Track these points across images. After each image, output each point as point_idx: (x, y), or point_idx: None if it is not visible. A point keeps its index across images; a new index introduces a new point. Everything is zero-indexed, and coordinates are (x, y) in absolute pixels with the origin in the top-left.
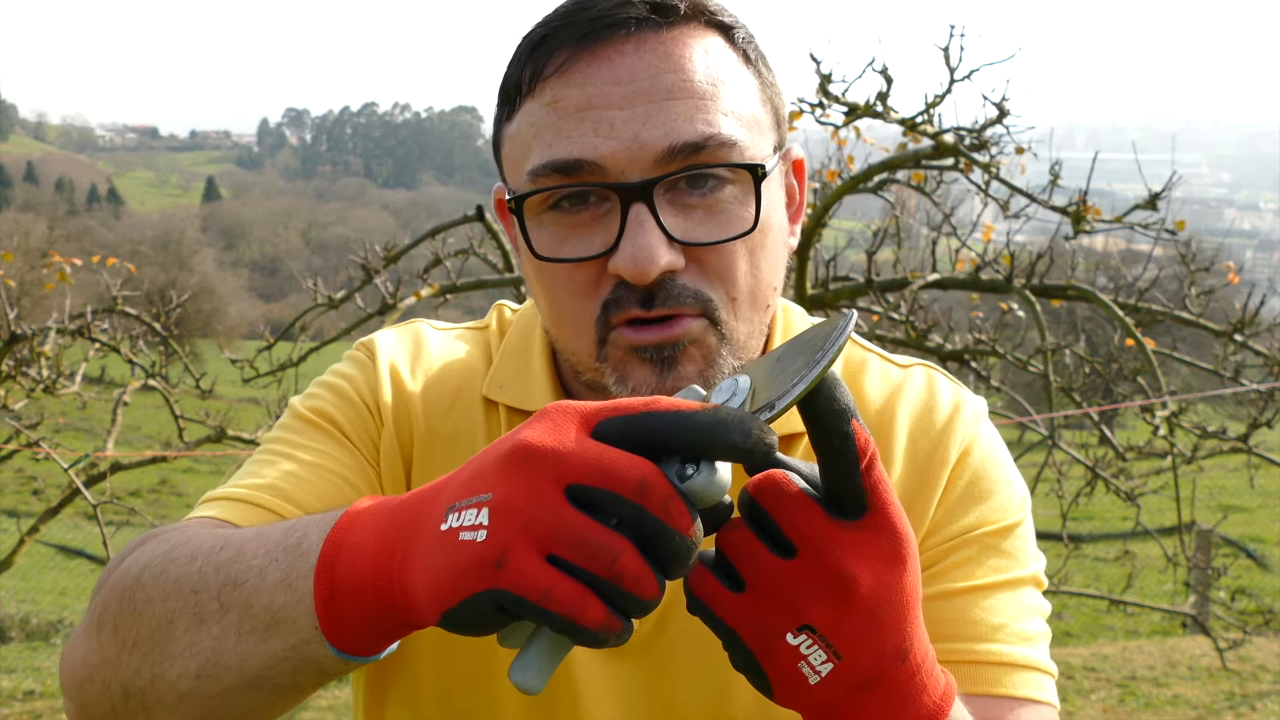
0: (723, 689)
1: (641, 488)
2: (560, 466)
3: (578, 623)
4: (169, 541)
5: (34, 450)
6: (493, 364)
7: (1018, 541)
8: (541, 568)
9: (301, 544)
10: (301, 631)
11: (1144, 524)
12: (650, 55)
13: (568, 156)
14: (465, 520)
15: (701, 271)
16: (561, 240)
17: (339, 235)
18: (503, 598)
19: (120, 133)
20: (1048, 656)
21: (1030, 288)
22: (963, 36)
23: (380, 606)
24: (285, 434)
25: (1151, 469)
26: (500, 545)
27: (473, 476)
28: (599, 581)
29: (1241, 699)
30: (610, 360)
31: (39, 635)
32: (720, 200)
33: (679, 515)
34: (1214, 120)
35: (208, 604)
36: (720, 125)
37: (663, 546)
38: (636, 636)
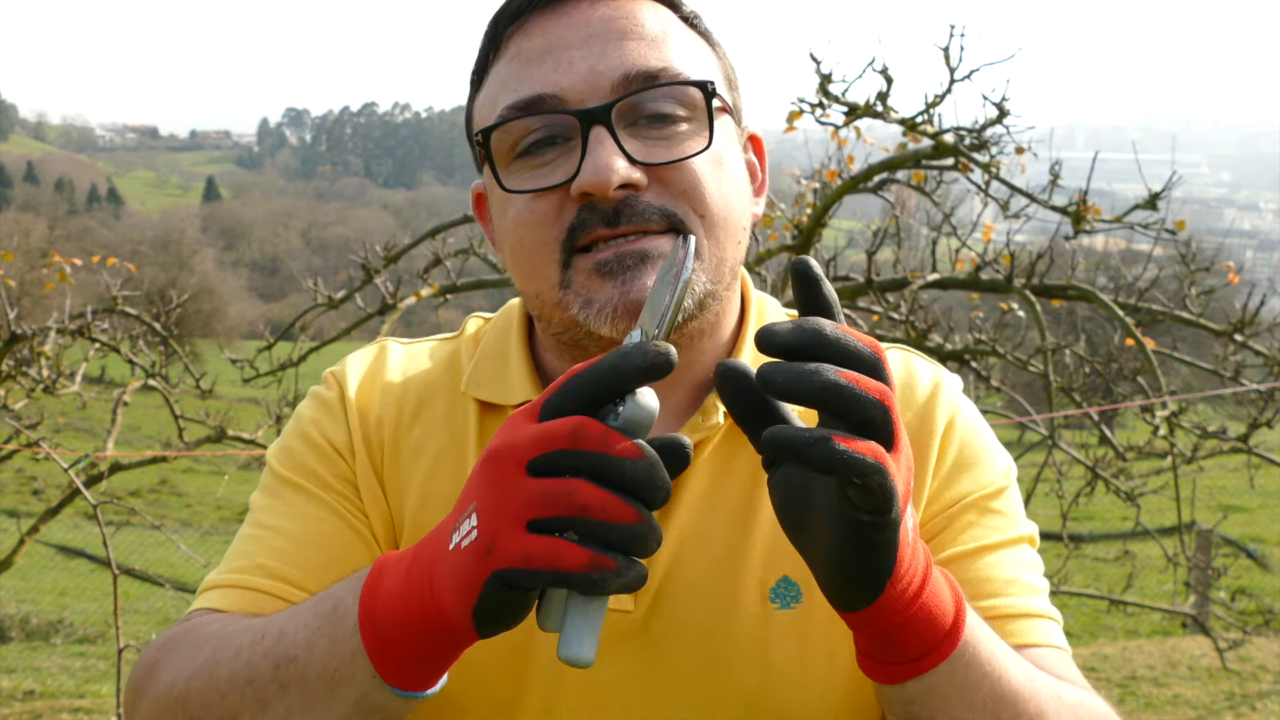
0: (721, 667)
1: (575, 435)
2: (514, 453)
3: (560, 570)
4: (200, 647)
5: (34, 450)
6: (467, 367)
7: (1010, 503)
8: (521, 536)
9: (337, 609)
10: (362, 684)
11: (1144, 524)
12: (604, 8)
13: (529, 94)
14: (464, 531)
15: (665, 189)
16: (526, 179)
17: (339, 235)
18: (501, 576)
19: (120, 133)
20: (1051, 606)
21: (1030, 288)
22: (963, 36)
23: (424, 635)
24: (268, 501)
25: (1151, 469)
26: (487, 534)
27: (463, 498)
28: (575, 523)
29: (1241, 699)
30: (574, 287)
31: (39, 635)
32: (676, 131)
33: (618, 443)
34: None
35: (266, 688)
36: (673, 61)
37: (617, 474)
38: (633, 620)
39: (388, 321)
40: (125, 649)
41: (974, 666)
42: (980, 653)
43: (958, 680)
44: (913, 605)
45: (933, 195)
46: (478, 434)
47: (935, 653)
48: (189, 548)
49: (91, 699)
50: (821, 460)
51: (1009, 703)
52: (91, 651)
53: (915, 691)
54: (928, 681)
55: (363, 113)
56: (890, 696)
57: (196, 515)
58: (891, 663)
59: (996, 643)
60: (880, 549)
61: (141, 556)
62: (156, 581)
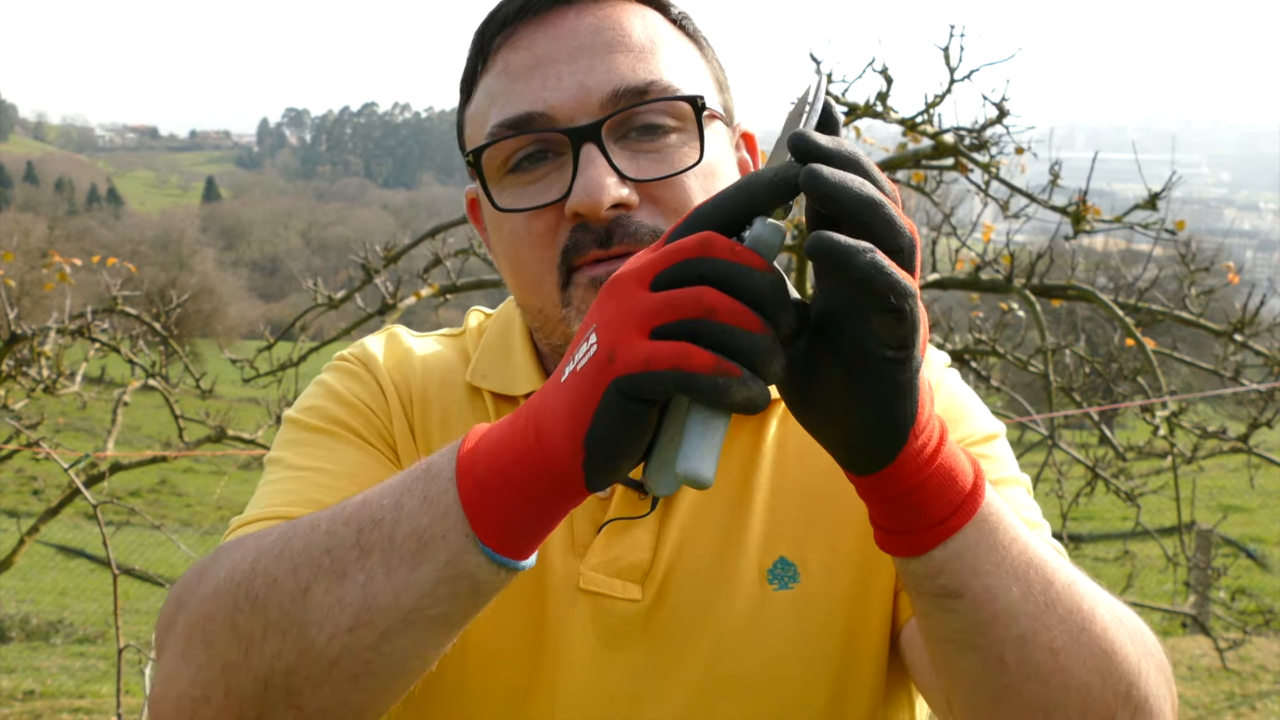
0: (722, 649)
1: (704, 245)
2: (639, 272)
3: (686, 371)
4: (266, 534)
5: (34, 450)
6: (472, 359)
7: (1000, 449)
8: (643, 343)
9: (430, 468)
10: (453, 544)
11: (1144, 524)
12: (590, 18)
13: (518, 112)
14: (579, 355)
15: (657, 208)
16: (519, 196)
17: (339, 235)
18: (620, 384)
19: (120, 133)
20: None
21: (1030, 288)
22: (963, 36)
23: (529, 482)
24: (299, 449)
25: (1151, 469)
26: (608, 345)
27: (579, 333)
28: (699, 325)
29: (1241, 699)
30: (574, 303)
31: (39, 635)
32: (667, 144)
33: (748, 255)
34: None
35: (345, 555)
36: (662, 73)
37: (744, 282)
38: (640, 608)
39: (388, 321)
40: (125, 649)
41: (1000, 528)
42: (1004, 518)
43: (986, 541)
44: (932, 462)
45: (933, 195)
46: (496, 420)
47: (960, 513)
48: (189, 548)
49: (91, 699)
50: (866, 269)
51: (1038, 566)
52: (91, 651)
53: (942, 559)
54: (955, 546)
55: (363, 113)
56: (916, 572)
57: (196, 515)
58: (915, 530)
59: (1016, 519)
60: (903, 390)
61: (141, 556)
62: (156, 581)
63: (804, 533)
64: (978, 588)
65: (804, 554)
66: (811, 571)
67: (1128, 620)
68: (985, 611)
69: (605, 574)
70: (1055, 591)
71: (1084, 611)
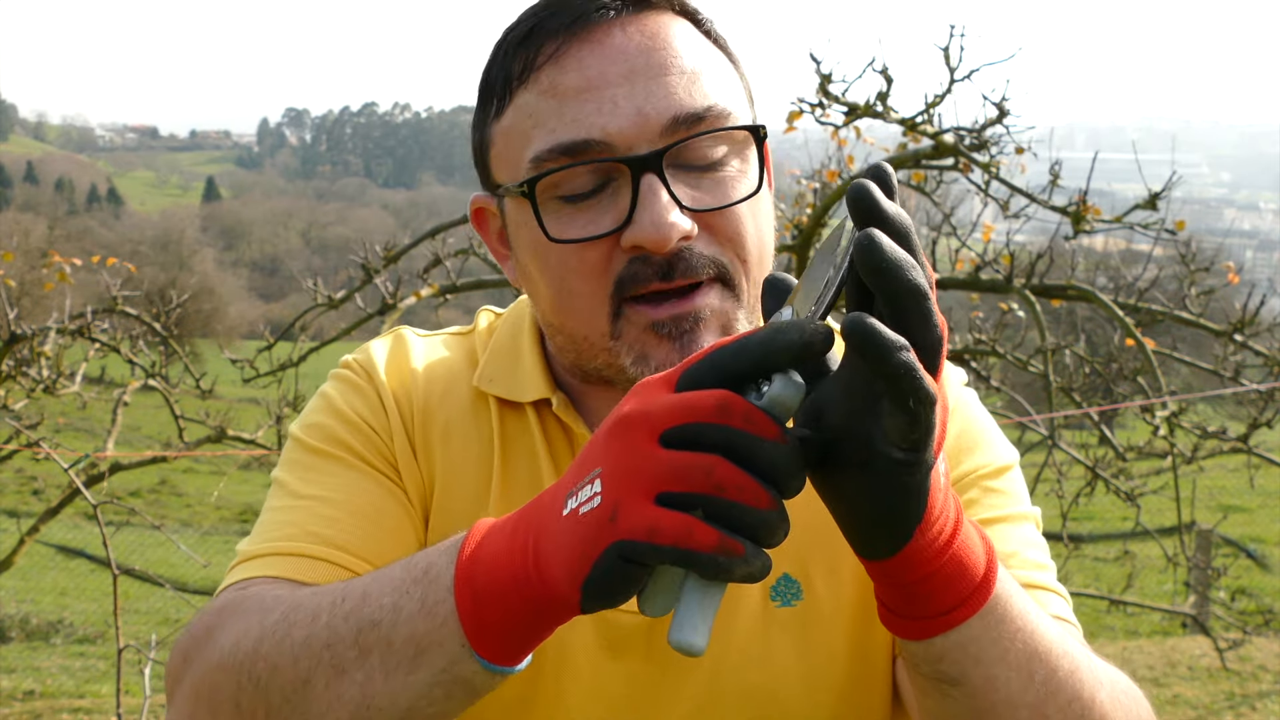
0: (724, 665)
1: (721, 408)
2: (650, 420)
3: (688, 549)
4: (269, 610)
5: (34, 450)
6: (480, 360)
7: (1013, 483)
8: (648, 509)
9: (429, 571)
10: (449, 652)
11: (1144, 524)
12: (638, 36)
13: (575, 138)
14: (582, 497)
15: (713, 238)
16: (568, 224)
17: (339, 235)
18: (622, 548)
19: (120, 133)
20: (1059, 583)
21: (1030, 288)
22: (963, 36)
23: (524, 604)
24: (303, 474)
25: (1151, 469)
26: (612, 501)
27: (582, 463)
28: (707, 501)
29: (1241, 699)
30: (625, 339)
31: (39, 635)
32: (723, 169)
33: (763, 424)
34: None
35: (345, 653)
36: (716, 96)
37: (757, 455)
38: (640, 621)
39: (388, 321)
40: (125, 649)
41: (1007, 620)
42: (1013, 606)
43: (991, 634)
44: (944, 554)
45: (933, 195)
46: (500, 428)
47: (967, 605)
48: (189, 548)
49: (91, 699)
50: (897, 369)
51: (1042, 658)
52: (91, 651)
53: (945, 647)
54: (959, 635)
55: (363, 113)
56: (918, 654)
57: (196, 515)
58: (920, 617)
59: (1026, 598)
60: (909, 491)
61: (141, 556)
62: (156, 581)
63: (808, 551)
64: (979, 678)
65: (807, 571)
66: (815, 589)
67: (1125, 696)
68: (984, 701)
69: None
70: (1058, 681)
71: (1084, 699)
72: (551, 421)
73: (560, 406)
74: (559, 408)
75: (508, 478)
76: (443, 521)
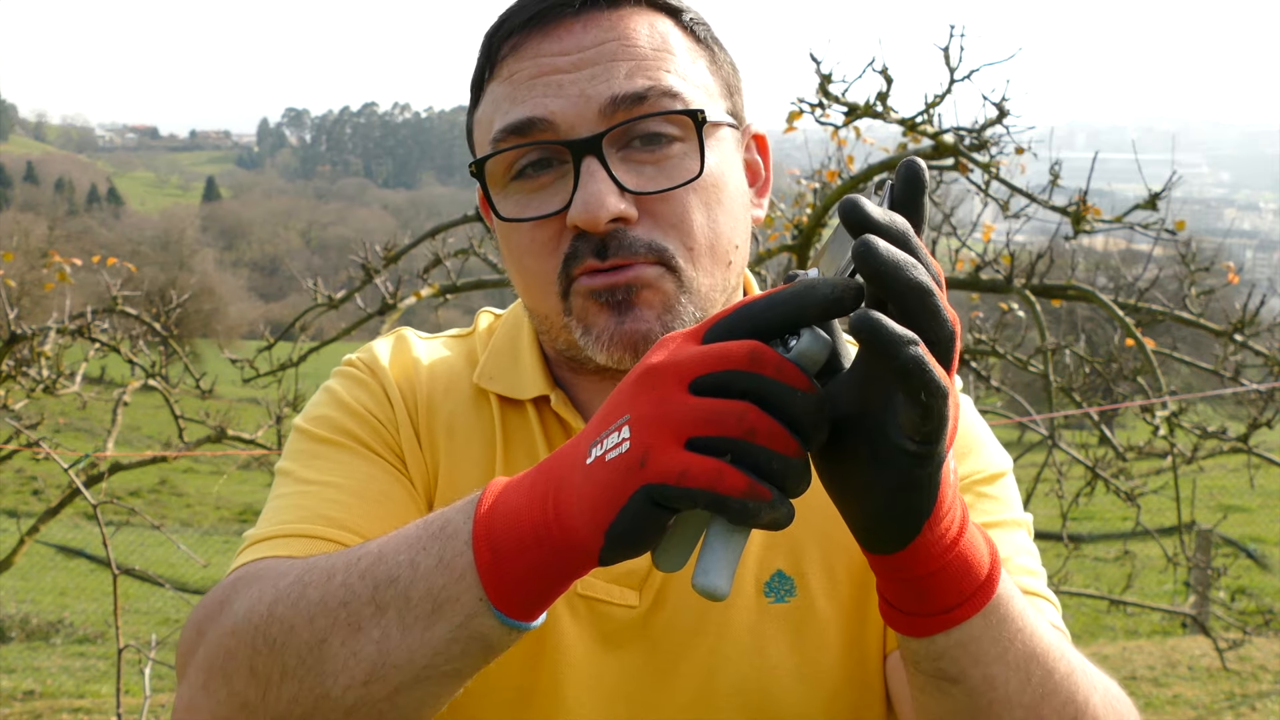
0: (718, 660)
1: (753, 357)
2: (680, 369)
3: (718, 492)
4: (284, 575)
5: (34, 450)
6: (480, 359)
7: (1005, 489)
8: (678, 453)
9: (446, 527)
10: (467, 607)
11: (1144, 524)
12: (596, 29)
13: (520, 117)
14: (609, 444)
15: (655, 223)
16: (524, 204)
17: (339, 235)
18: (651, 491)
19: (120, 133)
20: (1049, 590)
21: (1030, 288)
22: (963, 36)
23: (544, 554)
24: (309, 461)
25: (1151, 469)
26: (641, 446)
27: (607, 413)
28: (737, 445)
29: (1241, 699)
30: (574, 312)
31: (39, 635)
32: (669, 155)
33: (793, 374)
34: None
35: (361, 610)
36: (662, 79)
37: (787, 404)
38: (637, 615)
39: (388, 321)
40: (125, 649)
41: (1008, 621)
42: (1013, 607)
43: (992, 633)
44: (950, 551)
45: (933, 195)
46: (501, 425)
47: (970, 603)
48: (189, 548)
49: (91, 699)
50: (907, 363)
51: (1041, 660)
52: (91, 651)
53: (945, 645)
54: (960, 634)
55: (363, 113)
56: (918, 651)
57: (196, 515)
58: (922, 613)
59: (1025, 602)
60: (920, 484)
61: (141, 556)
62: (156, 581)
63: (802, 548)
64: (977, 676)
65: (801, 569)
66: (808, 586)
67: (1118, 702)
68: (982, 699)
69: (603, 579)
70: (1054, 683)
71: (1078, 702)
72: (551, 418)
73: (559, 403)
74: (557, 404)
75: (510, 473)
76: None
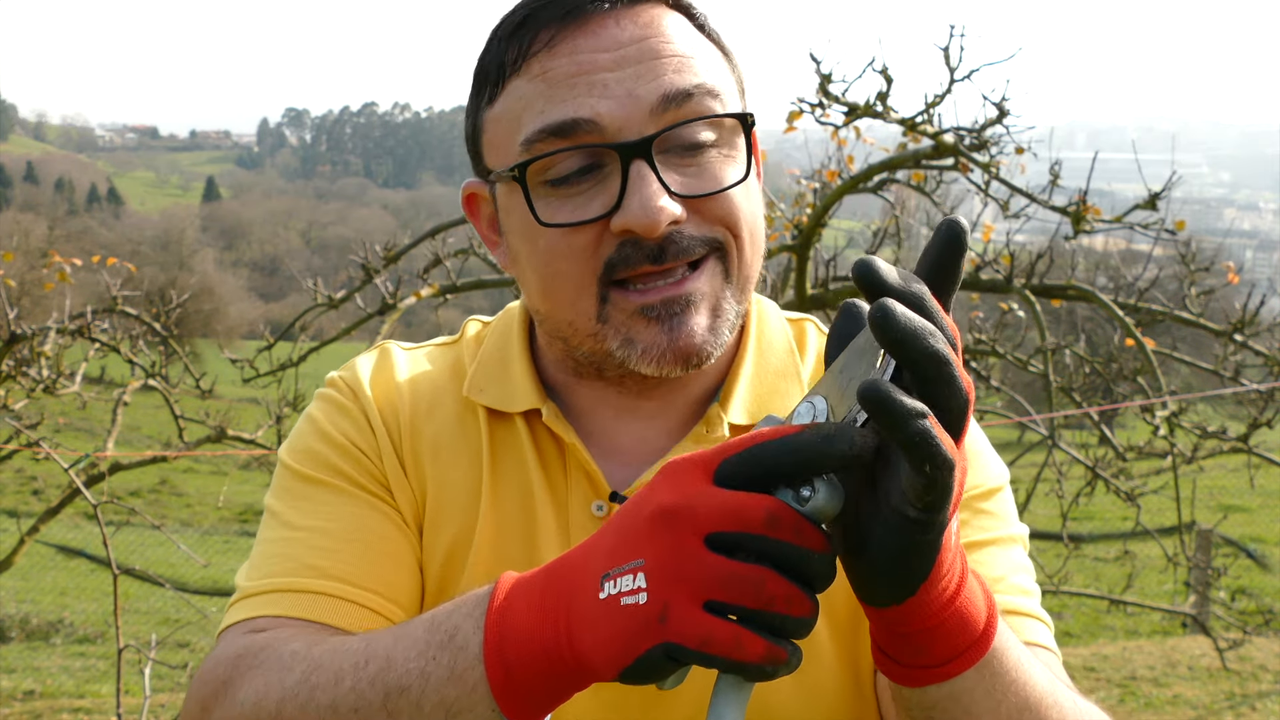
0: (709, 678)
1: (771, 521)
2: (696, 520)
3: (737, 659)
4: (289, 668)
5: (34, 450)
6: (469, 370)
7: (1002, 504)
8: (700, 616)
9: (455, 637)
10: (479, 717)
11: (1144, 524)
12: (631, 26)
13: (564, 118)
14: (623, 586)
15: (703, 219)
16: (558, 208)
17: (339, 235)
18: (670, 649)
19: (120, 133)
20: (1042, 609)
21: (1030, 288)
22: (963, 36)
23: (556, 678)
24: (295, 503)
25: (1151, 469)
26: (661, 602)
27: (618, 544)
28: (755, 614)
29: (1241, 699)
30: (613, 323)
31: (39, 635)
32: (709, 157)
33: (811, 536)
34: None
35: (373, 718)
36: (705, 78)
37: (805, 569)
38: None
39: (388, 321)
40: (125, 649)
41: (1002, 673)
42: (1008, 659)
43: (985, 686)
44: (947, 609)
45: (933, 195)
46: (489, 440)
47: (964, 658)
48: (189, 548)
49: (91, 699)
50: (913, 437)
51: (1033, 710)
52: (91, 651)
53: (938, 696)
54: (953, 687)
55: (363, 113)
56: (910, 699)
57: (196, 515)
58: (916, 666)
59: (1021, 647)
60: (921, 549)
61: (141, 556)
62: (156, 581)
63: None
64: None
65: None
66: None
67: None
68: None
69: None
70: None
71: None
72: (542, 431)
73: (551, 417)
74: (549, 418)
75: (497, 490)
76: (435, 537)
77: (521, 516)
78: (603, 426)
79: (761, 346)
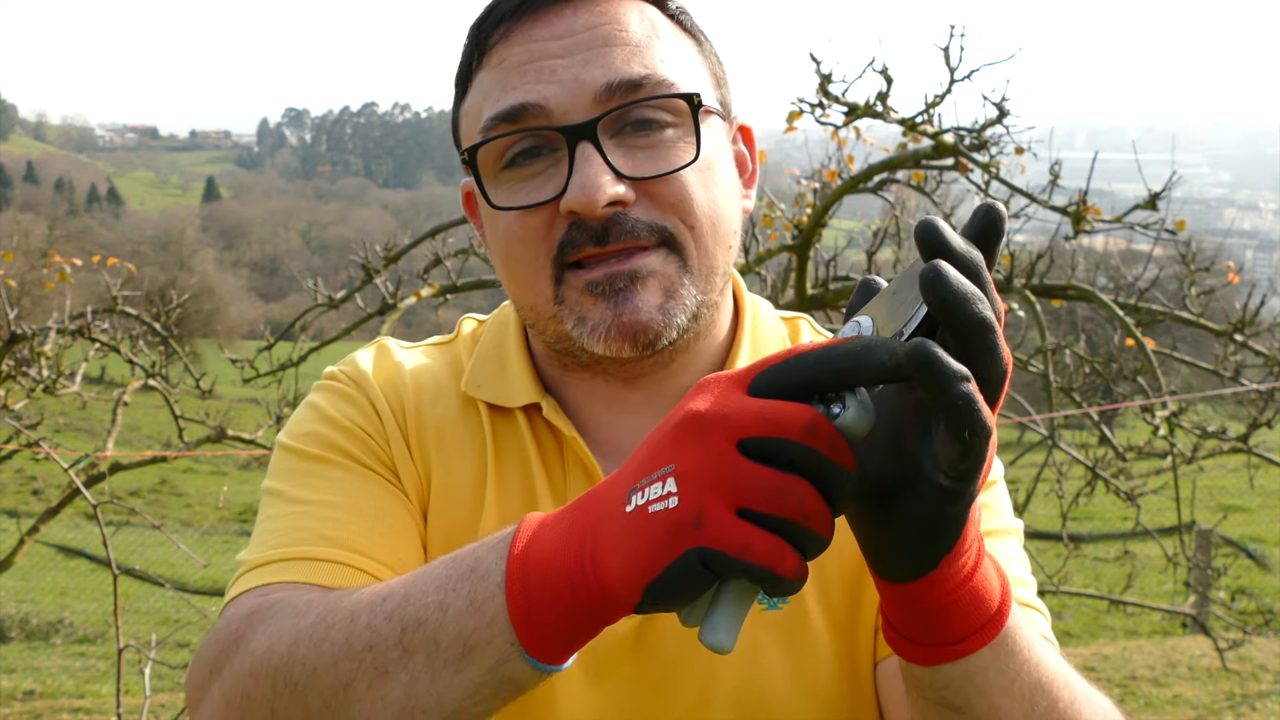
0: (711, 667)
1: (810, 429)
2: (730, 425)
3: (777, 573)
4: (303, 613)
5: (34, 450)
6: (467, 367)
7: (997, 498)
8: (737, 523)
9: (477, 569)
10: (498, 651)
11: (1144, 524)
12: (587, 14)
13: (512, 104)
14: (652, 494)
15: (653, 203)
16: (514, 192)
17: (339, 235)
18: (705, 555)
19: (120, 133)
20: (1040, 600)
21: (1030, 288)
22: (963, 36)
23: (579, 603)
24: (300, 479)
25: (1151, 469)
26: (695, 506)
27: (647, 457)
28: (790, 526)
29: (1241, 699)
30: (567, 303)
31: (39, 635)
32: (663, 139)
33: (844, 452)
34: (1214, 120)
35: (388, 654)
36: (657, 67)
37: (836, 484)
38: (629, 627)
39: (388, 321)
40: (125, 649)
41: (1015, 652)
42: (1021, 638)
43: (998, 665)
44: (965, 585)
45: (933, 195)
46: (491, 434)
47: (979, 636)
48: (189, 548)
49: (91, 699)
50: (956, 399)
51: (1045, 690)
52: (91, 651)
53: (952, 675)
54: (967, 665)
55: (363, 113)
56: (922, 679)
57: (196, 515)
58: (930, 644)
59: (1031, 628)
60: (949, 520)
61: (141, 556)
62: (156, 581)
63: None
64: (983, 707)
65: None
66: (801, 593)
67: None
68: None
69: None
70: (1058, 712)
71: None
72: (541, 425)
73: (550, 410)
74: (549, 412)
75: (501, 483)
76: (440, 525)
77: (525, 510)
78: (597, 420)
79: (755, 342)
